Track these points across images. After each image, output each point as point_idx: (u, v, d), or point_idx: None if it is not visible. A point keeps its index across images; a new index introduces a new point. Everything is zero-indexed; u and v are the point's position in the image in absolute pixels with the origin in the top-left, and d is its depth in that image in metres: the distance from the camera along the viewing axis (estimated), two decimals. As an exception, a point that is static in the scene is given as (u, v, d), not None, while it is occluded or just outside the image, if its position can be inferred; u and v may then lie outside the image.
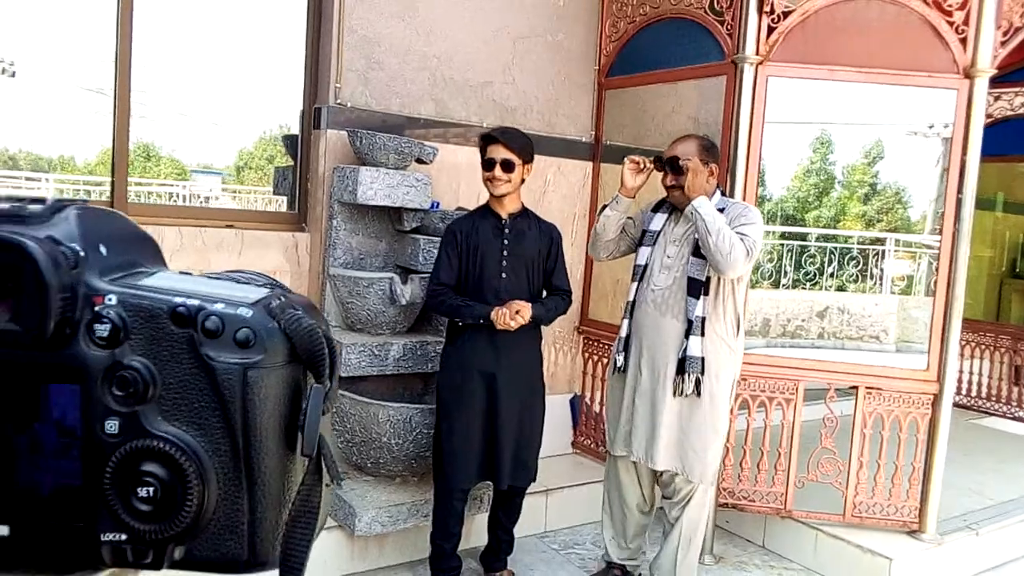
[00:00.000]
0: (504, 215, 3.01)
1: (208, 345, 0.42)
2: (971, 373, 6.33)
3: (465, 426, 2.95)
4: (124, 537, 0.41)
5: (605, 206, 3.11)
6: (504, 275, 2.98)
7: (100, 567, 0.43)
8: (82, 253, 0.41)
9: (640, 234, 3.06)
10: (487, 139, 2.98)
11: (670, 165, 2.90)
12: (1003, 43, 3.40)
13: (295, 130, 3.73)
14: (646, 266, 2.99)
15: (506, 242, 2.99)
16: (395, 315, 3.38)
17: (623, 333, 3.03)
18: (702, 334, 2.84)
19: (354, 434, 3.25)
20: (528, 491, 3.24)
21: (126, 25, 3.21)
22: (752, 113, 3.39)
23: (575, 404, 4.38)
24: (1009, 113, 5.90)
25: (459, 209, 3.56)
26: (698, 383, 2.84)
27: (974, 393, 6.33)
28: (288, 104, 3.75)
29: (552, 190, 4.16)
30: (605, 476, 3.25)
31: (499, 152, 2.93)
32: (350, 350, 3.22)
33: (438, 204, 3.58)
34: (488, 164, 2.95)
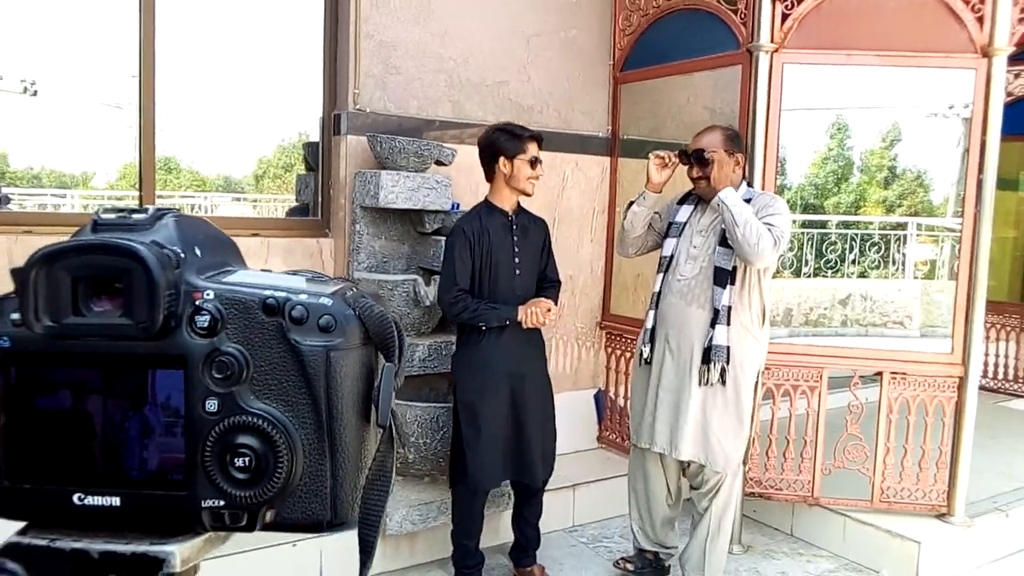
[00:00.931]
0: (511, 212, 3.03)
1: (295, 331, 0.48)
2: (997, 355, 6.27)
3: (493, 428, 2.97)
4: (222, 503, 0.47)
5: (632, 202, 3.14)
6: (518, 272, 3.01)
7: (200, 531, 0.49)
8: (182, 255, 0.47)
9: (666, 226, 3.08)
10: (535, 138, 2.98)
11: (696, 157, 2.91)
12: (1021, 20, 3.37)
13: (315, 137, 3.79)
14: (672, 256, 3.01)
15: (516, 239, 3.02)
16: (420, 316, 3.42)
17: (649, 324, 3.05)
18: (728, 323, 2.86)
19: (383, 434, 3.29)
20: (554, 486, 3.27)
21: (149, 39, 3.27)
22: (769, 101, 3.39)
23: (599, 399, 4.40)
24: (1030, 91, 5.83)
25: (477, 209, 3.60)
26: (723, 372, 2.85)
27: (1000, 376, 6.28)
28: (307, 112, 3.81)
29: (570, 186, 4.19)
30: (630, 468, 3.27)
31: (537, 151, 2.98)
32: (376, 351, 3.27)
33: (458, 205, 3.62)
34: (534, 163, 2.96)
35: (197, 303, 0.47)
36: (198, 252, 0.49)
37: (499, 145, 2.96)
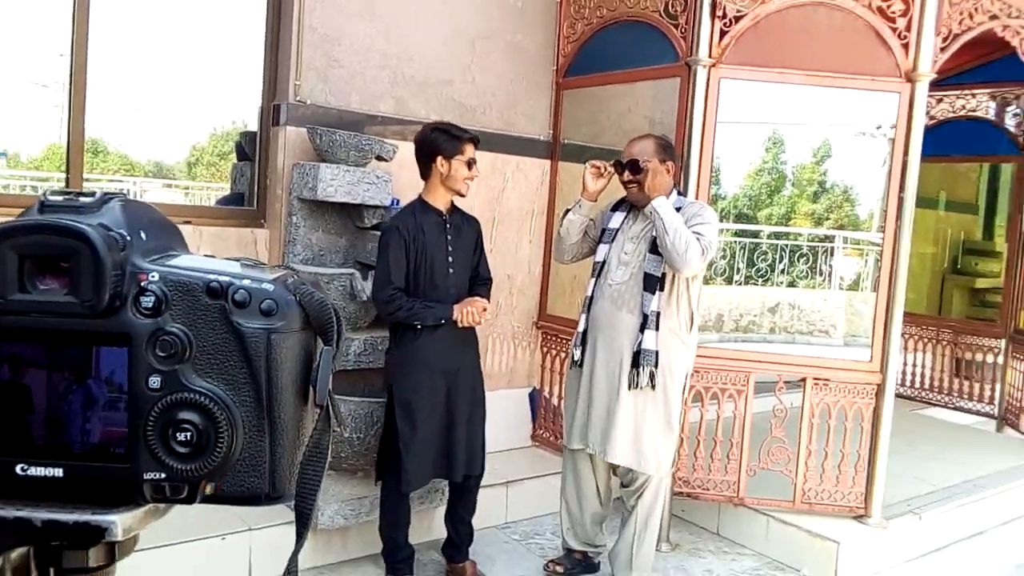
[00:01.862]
0: (445, 211, 3.05)
1: (237, 314, 0.50)
2: (915, 365, 6.54)
3: (428, 426, 2.98)
4: (163, 476, 0.49)
5: (568, 210, 3.19)
6: (452, 271, 3.03)
7: (142, 502, 0.51)
8: (128, 237, 0.49)
9: (600, 233, 3.15)
10: (472, 140, 3.01)
11: (630, 166, 2.98)
12: (943, 48, 3.55)
13: (252, 126, 3.74)
14: (604, 262, 3.08)
15: (449, 238, 3.04)
16: (356, 311, 3.41)
17: (581, 328, 3.11)
18: (656, 328, 2.94)
19: (316, 429, 3.27)
20: (488, 483, 3.30)
21: (83, 17, 3.18)
22: (705, 114, 3.49)
23: (534, 397, 4.45)
24: (951, 115, 6.11)
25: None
26: (652, 376, 2.92)
27: (917, 384, 6.55)
28: (244, 100, 3.76)
29: (511, 188, 4.23)
30: (563, 468, 3.32)
31: (473, 152, 3.01)
32: (312, 346, 3.25)
33: (398, 201, 3.61)
34: (470, 164, 2.99)
35: (142, 284, 0.49)
36: (143, 236, 0.51)
37: (437, 145, 2.97)
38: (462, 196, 3.06)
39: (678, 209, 2.96)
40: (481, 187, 4.07)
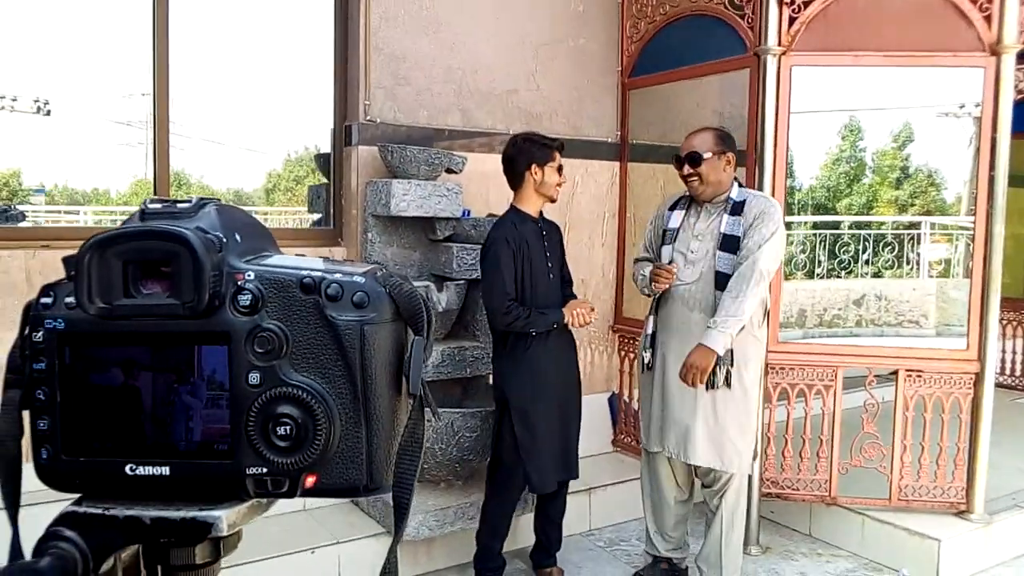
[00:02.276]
0: (538, 218, 3.12)
1: (331, 307, 0.51)
2: (1014, 352, 6.23)
3: (547, 431, 3.04)
4: (265, 470, 0.51)
5: (637, 260, 3.24)
6: (551, 276, 3.10)
7: (245, 497, 0.52)
8: (224, 239, 0.51)
9: (661, 235, 3.12)
10: (560, 147, 3.10)
11: (689, 159, 2.94)
12: (1028, 18, 3.38)
13: (325, 149, 3.83)
14: (670, 263, 3.03)
15: (546, 244, 3.10)
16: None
17: (649, 330, 3.08)
18: None
19: (400, 440, 3.32)
20: (571, 490, 3.29)
21: (163, 57, 3.32)
22: (777, 104, 3.41)
23: (613, 402, 4.41)
24: (1041, 88, 5.80)
25: (490, 216, 3.63)
26: (728, 375, 2.87)
27: (1017, 372, 6.24)
28: (317, 124, 3.86)
29: (581, 192, 4.21)
30: (642, 471, 3.28)
31: (561, 159, 3.09)
32: (392, 358, 3.30)
33: (469, 212, 3.65)
34: (560, 170, 3.08)
35: (239, 283, 0.50)
36: (238, 238, 0.52)
37: (530, 153, 3.04)
38: (553, 202, 3.15)
39: (741, 203, 2.91)
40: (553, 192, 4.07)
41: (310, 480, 0.51)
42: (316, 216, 4.03)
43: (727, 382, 2.88)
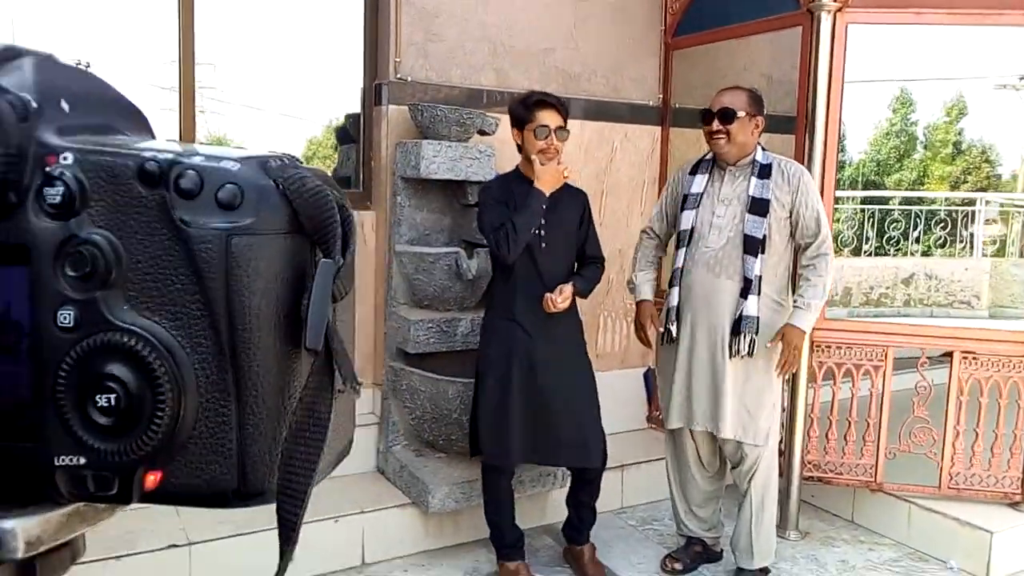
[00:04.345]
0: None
1: (183, 208, 0.33)
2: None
3: (497, 401, 2.82)
4: (83, 460, 0.33)
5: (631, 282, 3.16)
6: (544, 245, 2.81)
7: (60, 500, 0.34)
8: (35, 105, 0.33)
9: (681, 200, 2.95)
10: (545, 104, 2.74)
11: (721, 115, 2.78)
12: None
13: (357, 110, 3.71)
14: (692, 229, 2.88)
15: (545, 211, 2.78)
16: (462, 290, 3.33)
17: (673, 302, 2.92)
18: (759, 293, 2.76)
19: (425, 411, 3.22)
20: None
21: (188, 24, 3.25)
22: (831, 66, 3.19)
23: (649, 378, 4.26)
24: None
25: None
26: (752, 344, 2.75)
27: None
28: (352, 88, 3.72)
29: (620, 157, 4.04)
30: (666, 450, 3.17)
31: (554, 119, 2.75)
32: (418, 327, 3.19)
33: (502, 176, 3.50)
34: (539, 132, 2.74)
35: (49, 170, 0.33)
36: (65, 107, 0.34)
37: (512, 114, 2.81)
38: (542, 165, 2.77)
39: (768, 166, 2.78)
40: (588, 158, 3.91)
41: (151, 479, 0.33)
42: (346, 176, 3.92)
43: (751, 351, 2.75)
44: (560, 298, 2.76)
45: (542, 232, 2.80)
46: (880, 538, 3.48)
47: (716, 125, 2.80)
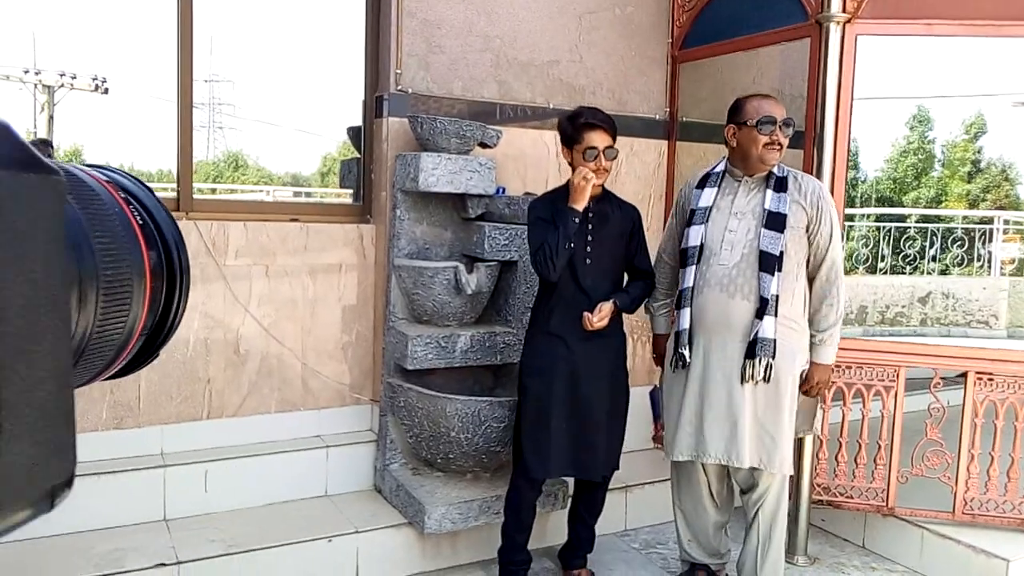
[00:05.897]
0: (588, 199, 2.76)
1: None
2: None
3: (542, 414, 2.80)
4: None
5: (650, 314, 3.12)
6: (588, 261, 2.78)
7: None
8: None
9: (688, 215, 2.81)
10: (592, 126, 2.71)
11: (785, 124, 2.65)
12: None
13: (359, 122, 3.67)
14: (702, 245, 2.74)
15: (591, 227, 2.78)
16: (461, 305, 3.26)
17: (684, 324, 2.75)
18: (776, 314, 2.61)
19: (422, 428, 3.15)
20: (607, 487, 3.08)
21: (187, 38, 3.24)
22: (840, 78, 3.11)
23: (655, 397, 4.16)
24: None
25: (527, 195, 3.41)
26: (768, 368, 2.61)
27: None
28: (355, 99, 3.68)
29: (625, 171, 3.97)
30: (671, 478, 3.06)
31: (602, 139, 2.72)
32: (416, 342, 3.12)
33: (503, 190, 3.44)
34: (590, 153, 2.70)
35: None
36: None
37: (561, 132, 2.81)
38: (591, 184, 2.71)
39: (784, 179, 2.67)
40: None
41: None
42: (349, 190, 3.87)
43: (767, 376, 2.62)
44: (597, 317, 2.72)
45: (588, 248, 2.78)
46: (892, 564, 3.36)
47: (780, 134, 2.64)
